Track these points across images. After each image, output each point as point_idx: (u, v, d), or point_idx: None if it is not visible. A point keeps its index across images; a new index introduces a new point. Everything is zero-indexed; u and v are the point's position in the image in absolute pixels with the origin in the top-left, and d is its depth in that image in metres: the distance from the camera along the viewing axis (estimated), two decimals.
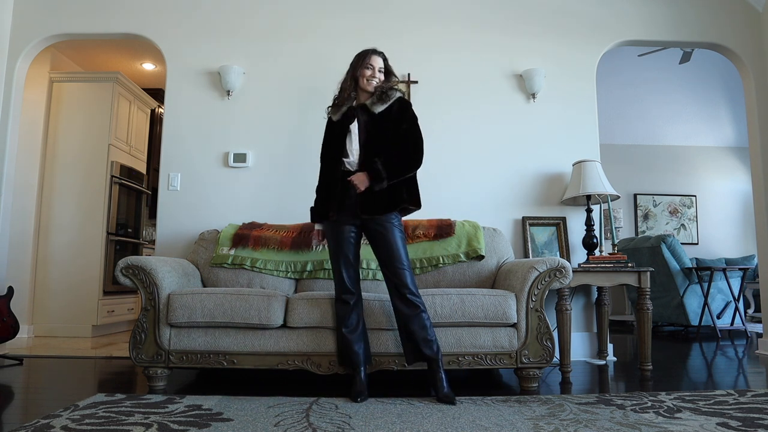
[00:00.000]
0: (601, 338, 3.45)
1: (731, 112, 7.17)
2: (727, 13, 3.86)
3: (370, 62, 2.51)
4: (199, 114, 3.63)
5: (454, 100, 3.69)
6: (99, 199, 4.79)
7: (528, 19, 3.78)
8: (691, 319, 4.86)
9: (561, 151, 3.66)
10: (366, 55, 2.53)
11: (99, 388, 2.62)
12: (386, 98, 2.47)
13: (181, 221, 3.52)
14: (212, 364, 2.55)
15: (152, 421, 1.90)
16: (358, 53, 2.58)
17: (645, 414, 2.02)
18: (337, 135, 2.51)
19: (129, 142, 5.26)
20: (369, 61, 2.51)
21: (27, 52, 3.74)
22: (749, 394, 2.36)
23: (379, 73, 2.51)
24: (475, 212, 3.53)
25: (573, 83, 3.73)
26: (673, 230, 7.35)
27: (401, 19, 3.76)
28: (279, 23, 3.74)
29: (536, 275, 2.59)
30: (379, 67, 2.51)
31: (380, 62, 2.53)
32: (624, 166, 7.31)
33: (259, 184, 3.57)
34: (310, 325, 2.54)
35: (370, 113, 2.47)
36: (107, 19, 3.72)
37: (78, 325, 4.61)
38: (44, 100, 4.78)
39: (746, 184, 7.36)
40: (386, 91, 2.49)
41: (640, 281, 3.10)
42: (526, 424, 1.90)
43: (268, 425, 1.87)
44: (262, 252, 3.07)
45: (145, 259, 2.64)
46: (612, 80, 6.36)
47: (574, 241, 3.57)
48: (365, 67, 2.50)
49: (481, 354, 2.55)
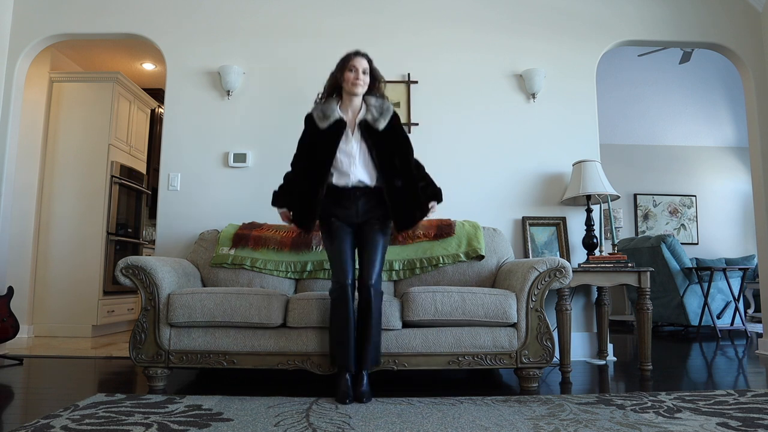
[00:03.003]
0: (601, 338, 3.45)
1: (731, 112, 7.17)
2: (727, 13, 3.86)
3: (353, 64, 2.45)
4: (199, 114, 3.63)
5: (454, 100, 3.69)
6: (99, 199, 4.79)
7: (528, 19, 3.78)
8: (691, 319, 4.86)
9: (561, 151, 3.65)
10: (349, 57, 2.48)
11: (99, 388, 2.62)
12: (386, 113, 2.47)
13: (181, 221, 3.52)
14: (212, 364, 2.55)
15: (152, 421, 1.90)
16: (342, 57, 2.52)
17: (645, 414, 2.02)
18: (325, 145, 2.43)
19: (129, 142, 5.26)
20: (352, 63, 2.46)
21: (27, 52, 3.74)
22: (749, 394, 2.36)
23: (363, 75, 2.45)
24: (475, 212, 3.53)
25: (573, 83, 3.73)
26: (673, 230, 7.35)
27: (401, 19, 3.76)
28: (279, 23, 3.74)
29: (536, 275, 2.59)
30: (363, 69, 2.46)
31: (364, 63, 2.47)
32: (624, 166, 7.31)
33: (259, 184, 3.56)
34: (310, 325, 2.54)
35: (372, 130, 2.44)
36: (107, 19, 3.72)
37: (78, 325, 4.61)
38: (44, 100, 4.77)
39: (746, 184, 7.36)
40: (384, 105, 2.49)
41: (640, 281, 3.09)
42: (526, 424, 1.90)
43: (268, 425, 1.87)
44: (262, 252, 3.07)
45: (145, 259, 2.64)
46: (612, 80, 6.36)
47: (574, 241, 3.57)
48: (348, 70, 2.45)
49: (481, 354, 2.55)
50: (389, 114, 2.48)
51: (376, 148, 2.43)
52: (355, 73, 2.44)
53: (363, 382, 2.29)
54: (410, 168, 2.48)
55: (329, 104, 2.49)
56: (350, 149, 2.43)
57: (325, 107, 2.48)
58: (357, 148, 2.44)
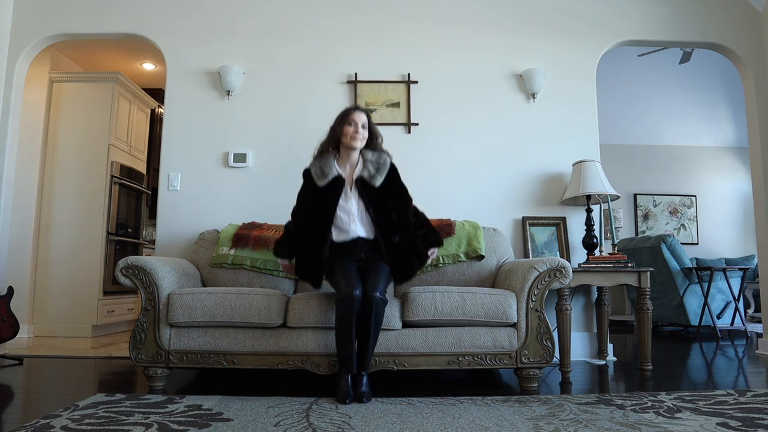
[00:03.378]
0: (601, 338, 3.45)
1: (731, 112, 7.17)
2: (727, 13, 3.86)
3: (353, 118, 2.50)
4: (199, 114, 3.63)
5: (454, 100, 3.69)
6: (99, 199, 4.79)
7: (528, 19, 3.78)
8: (691, 319, 4.86)
9: (561, 151, 3.65)
10: (348, 112, 2.53)
11: (99, 388, 2.62)
12: (383, 167, 2.52)
13: (181, 221, 3.52)
14: (212, 364, 2.55)
15: (152, 421, 1.90)
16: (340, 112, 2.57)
17: (645, 414, 2.02)
18: (325, 203, 2.48)
19: (129, 142, 5.26)
20: (352, 117, 2.50)
21: (27, 52, 3.74)
22: (749, 394, 2.36)
23: (362, 129, 2.50)
24: (475, 212, 3.53)
25: (573, 83, 3.73)
26: (673, 230, 7.35)
27: (401, 19, 3.76)
28: (279, 23, 3.74)
29: (536, 275, 2.59)
30: (362, 123, 2.50)
31: (363, 118, 2.52)
32: (624, 166, 7.31)
33: (259, 184, 3.57)
34: (310, 325, 2.54)
35: (369, 187, 2.49)
36: (107, 19, 3.72)
37: (78, 325, 4.61)
38: (44, 100, 4.77)
39: (746, 184, 7.36)
40: (380, 160, 2.52)
41: (640, 281, 3.09)
42: (526, 424, 1.90)
43: (268, 425, 1.87)
44: (262, 252, 3.07)
45: (145, 259, 2.64)
46: (612, 80, 6.36)
47: (574, 241, 3.57)
48: (348, 124, 2.50)
49: (481, 354, 2.55)
50: (386, 169, 2.53)
51: (373, 206, 2.49)
52: (354, 127, 2.49)
53: (363, 382, 2.29)
54: (408, 221, 2.54)
55: (327, 160, 2.52)
56: (349, 207, 2.50)
57: (323, 164, 2.51)
58: (355, 206, 2.50)
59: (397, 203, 2.54)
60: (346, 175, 2.54)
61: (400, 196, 2.58)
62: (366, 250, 2.52)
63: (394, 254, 2.48)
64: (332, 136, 2.55)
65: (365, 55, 3.71)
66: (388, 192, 2.53)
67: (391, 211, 2.51)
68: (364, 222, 2.52)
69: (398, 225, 2.50)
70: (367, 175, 2.50)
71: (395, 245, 2.48)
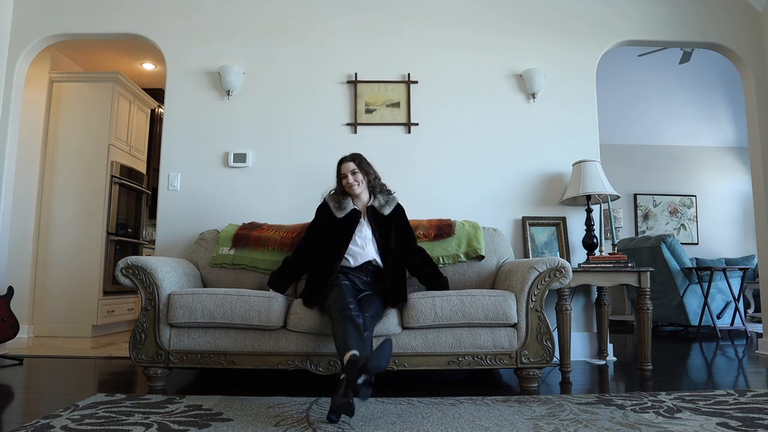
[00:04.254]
0: (601, 338, 3.45)
1: (731, 112, 7.16)
2: (727, 13, 3.86)
3: (342, 171, 2.75)
4: (199, 114, 3.63)
5: (454, 100, 3.69)
6: (99, 199, 4.79)
7: (528, 19, 3.78)
8: (691, 319, 4.86)
9: (561, 151, 3.65)
10: (338, 165, 2.78)
11: (99, 388, 2.62)
12: (391, 202, 2.80)
13: (181, 221, 3.51)
14: (212, 364, 2.55)
15: (152, 421, 1.90)
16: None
17: (645, 414, 2.02)
18: (342, 232, 2.68)
19: (129, 142, 5.26)
20: (341, 170, 2.76)
21: (27, 52, 3.74)
22: (749, 394, 2.36)
23: (353, 175, 2.72)
24: (475, 212, 3.53)
25: (573, 83, 3.73)
26: (673, 230, 7.35)
27: (401, 19, 3.76)
28: (279, 23, 3.73)
29: (536, 275, 2.59)
30: (351, 170, 2.72)
31: (351, 166, 2.74)
32: (624, 166, 7.31)
33: (259, 184, 3.57)
34: (312, 331, 2.52)
35: (378, 214, 2.75)
36: (107, 19, 3.72)
37: (78, 325, 4.61)
38: (44, 100, 4.77)
39: (746, 184, 7.36)
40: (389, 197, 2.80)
41: (640, 281, 3.09)
42: (526, 424, 1.90)
43: (268, 425, 1.87)
44: (262, 252, 3.07)
45: (145, 259, 2.64)
46: (612, 80, 6.36)
47: (574, 241, 3.57)
48: (342, 177, 2.75)
49: (481, 354, 2.55)
50: (394, 203, 2.81)
51: (379, 231, 2.72)
52: (346, 179, 2.73)
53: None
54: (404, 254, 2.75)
55: (344, 198, 2.76)
56: (364, 234, 2.72)
57: (342, 200, 2.75)
58: (368, 231, 2.72)
59: (401, 235, 2.78)
60: (360, 208, 2.78)
61: (406, 231, 2.82)
62: (370, 273, 2.68)
63: (393, 277, 2.64)
64: (339, 185, 2.80)
65: (365, 55, 3.71)
66: (394, 222, 2.78)
67: (396, 239, 2.74)
68: (374, 246, 2.72)
69: (399, 252, 2.73)
70: (377, 204, 2.76)
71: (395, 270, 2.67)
